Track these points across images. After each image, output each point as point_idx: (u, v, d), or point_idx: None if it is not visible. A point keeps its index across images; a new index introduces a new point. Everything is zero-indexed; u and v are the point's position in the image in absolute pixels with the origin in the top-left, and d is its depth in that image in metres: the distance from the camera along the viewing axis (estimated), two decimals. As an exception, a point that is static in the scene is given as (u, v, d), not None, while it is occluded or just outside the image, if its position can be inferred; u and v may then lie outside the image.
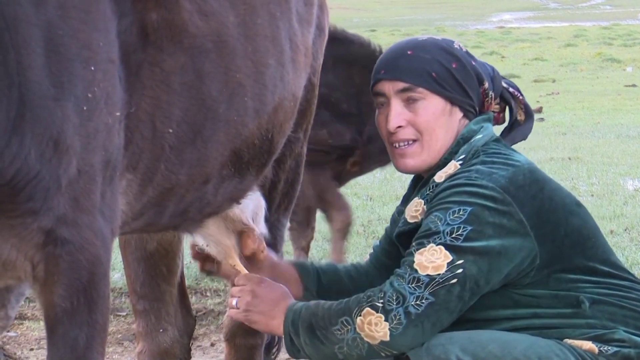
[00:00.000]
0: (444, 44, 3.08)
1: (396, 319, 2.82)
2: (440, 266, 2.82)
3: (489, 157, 2.96)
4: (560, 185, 3.05)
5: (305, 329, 2.93)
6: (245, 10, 3.09)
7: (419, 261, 2.84)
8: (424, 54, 3.05)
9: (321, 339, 2.91)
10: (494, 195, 2.85)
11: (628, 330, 2.93)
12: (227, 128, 3.01)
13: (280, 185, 3.71)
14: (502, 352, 2.82)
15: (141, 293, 3.72)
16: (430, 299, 2.81)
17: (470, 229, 2.82)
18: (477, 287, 2.84)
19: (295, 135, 3.65)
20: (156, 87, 2.79)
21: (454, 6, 57.85)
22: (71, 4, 2.58)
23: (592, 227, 3.02)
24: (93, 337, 2.61)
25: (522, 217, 2.86)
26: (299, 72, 3.39)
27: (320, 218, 7.87)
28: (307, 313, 2.95)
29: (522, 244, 2.86)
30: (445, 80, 3.03)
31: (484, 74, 3.09)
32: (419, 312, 2.81)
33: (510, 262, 2.86)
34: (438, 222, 2.85)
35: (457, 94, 3.04)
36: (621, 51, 28.43)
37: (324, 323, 2.91)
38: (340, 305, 2.93)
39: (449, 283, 2.81)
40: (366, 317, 2.85)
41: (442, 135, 3.03)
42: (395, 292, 2.83)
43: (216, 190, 3.10)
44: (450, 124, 3.04)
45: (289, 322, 2.96)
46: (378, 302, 2.84)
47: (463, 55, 3.08)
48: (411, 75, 3.04)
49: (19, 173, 2.49)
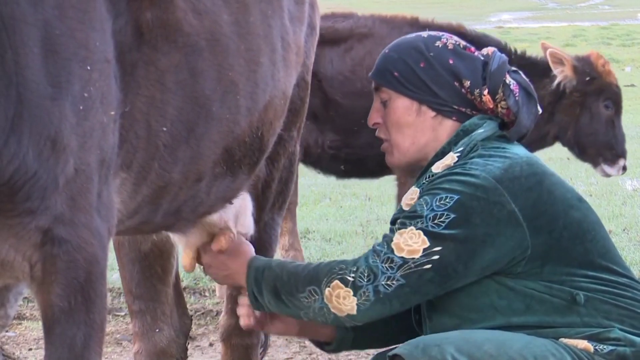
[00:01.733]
0: (419, 43, 3.10)
1: (365, 295, 2.87)
2: (416, 251, 2.85)
3: (487, 151, 2.98)
4: (563, 180, 3.06)
5: (270, 291, 3.00)
6: (238, 8, 3.10)
7: (397, 241, 2.88)
8: (394, 53, 3.12)
9: (286, 303, 2.98)
10: (485, 184, 2.87)
11: (623, 328, 2.93)
12: (220, 126, 3.02)
13: (274, 184, 3.72)
14: (497, 352, 2.83)
15: (136, 293, 3.73)
16: (401, 280, 2.85)
17: (454, 216, 2.85)
18: (455, 272, 2.87)
19: (289, 134, 3.66)
20: (151, 86, 2.79)
21: (452, 6, 57.82)
22: (68, 3, 2.59)
23: (593, 222, 3.02)
24: (91, 336, 2.61)
25: (515, 207, 2.88)
26: (289, 70, 3.40)
27: (319, 217, 7.88)
28: (271, 275, 3.01)
29: (512, 233, 2.88)
30: (408, 80, 3.07)
31: (468, 71, 3.07)
32: (388, 292, 2.86)
33: (495, 251, 2.87)
34: (424, 206, 2.89)
35: (423, 93, 3.06)
36: (620, 51, 28.40)
37: (289, 288, 2.97)
38: (307, 270, 2.97)
39: (422, 268, 2.85)
40: (335, 289, 2.89)
41: (410, 133, 3.08)
42: (367, 269, 2.87)
43: (209, 188, 3.11)
44: (420, 123, 3.07)
45: (252, 280, 3.04)
46: (349, 276, 2.89)
47: (439, 53, 3.07)
48: (378, 75, 3.14)
49: (17, 172, 2.49)
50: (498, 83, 3.08)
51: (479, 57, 3.12)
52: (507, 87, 3.09)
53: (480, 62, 3.10)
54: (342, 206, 8.38)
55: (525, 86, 3.11)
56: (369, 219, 7.80)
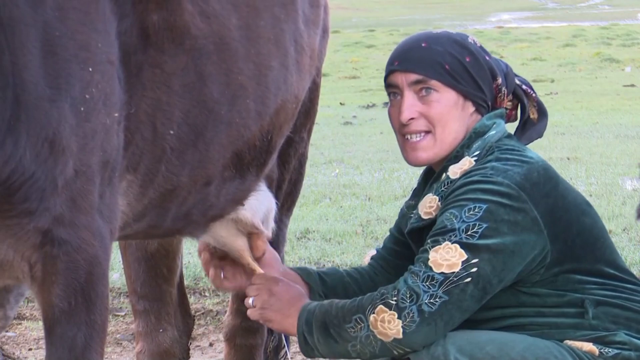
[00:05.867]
0: (457, 38, 3.08)
1: (409, 316, 2.81)
2: (455, 264, 2.81)
3: (503, 154, 2.95)
4: (570, 184, 3.05)
5: (319, 327, 2.92)
6: (248, 12, 3.09)
7: (433, 259, 2.83)
8: (438, 46, 3.04)
9: (334, 337, 2.90)
10: (509, 192, 2.85)
11: (629, 333, 2.93)
12: (229, 130, 3.01)
13: (284, 185, 3.73)
14: (499, 353, 2.82)
15: (141, 293, 3.73)
16: (444, 297, 2.80)
17: (486, 226, 2.82)
18: (490, 285, 2.84)
19: (299, 135, 3.67)
20: (157, 88, 2.79)
21: (452, 6, 57.86)
22: (70, 5, 2.58)
23: (601, 228, 3.02)
24: (92, 337, 2.61)
25: (537, 214, 2.86)
26: (303, 74, 3.39)
27: (319, 217, 7.88)
28: (321, 312, 2.94)
29: (535, 241, 2.86)
30: (459, 73, 3.02)
31: (497, 69, 3.09)
32: (432, 310, 2.80)
33: (523, 261, 2.86)
34: (453, 219, 2.84)
35: (470, 87, 3.03)
36: (620, 51, 28.40)
37: (337, 321, 2.90)
38: (353, 303, 2.92)
39: (463, 282, 2.81)
40: (379, 314, 2.84)
41: (455, 128, 3.02)
42: (409, 290, 2.82)
43: (218, 192, 3.10)
44: (463, 117, 3.03)
45: (303, 321, 2.95)
46: (391, 300, 2.83)
47: (477, 49, 3.07)
48: (424, 67, 3.02)
49: (14, 173, 2.49)
50: (513, 83, 3.12)
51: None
52: (519, 88, 3.14)
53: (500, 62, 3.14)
54: (342, 206, 8.37)
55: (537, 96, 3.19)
56: (369, 219, 7.80)
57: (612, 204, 8.21)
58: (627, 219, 7.64)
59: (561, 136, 12.77)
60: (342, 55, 28.41)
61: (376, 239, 7.08)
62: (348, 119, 14.92)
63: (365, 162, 10.61)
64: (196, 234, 3.28)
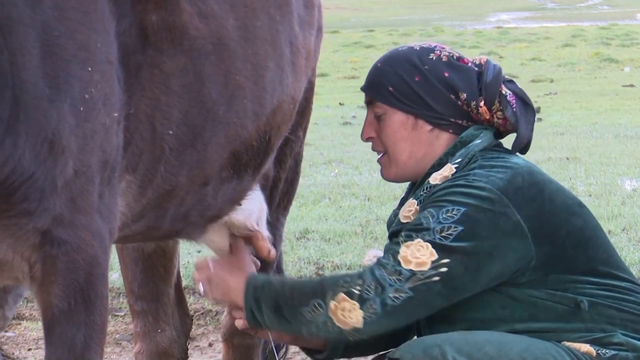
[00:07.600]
0: (413, 56, 3.06)
1: (372, 308, 2.82)
2: (424, 263, 2.82)
3: (487, 161, 2.96)
4: (562, 186, 3.04)
5: (271, 307, 2.93)
6: (245, 13, 3.09)
7: (404, 254, 2.84)
8: (388, 67, 3.07)
9: (287, 318, 2.91)
10: (490, 196, 2.85)
11: (626, 333, 2.92)
12: (227, 130, 3.02)
13: (280, 185, 3.74)
14: (498, 354, 2.82)
15: (139, 294, 3.73)
16: (409, 293, 2.82)
17: (462, 229, 2.82)
18: (463, 285, 2.84)
19: (295, 134, 3.68)
20: (155, 88, 2.79)
21: (451, 6, 57.83)
22: (68, 5, 2.58)
23: (594, 227, 3.01)
24: (91, 337, 2.61)
25: (520, 218, 2.86)
26: (299, 75, 3.40)
27: (318, 217, 7.88)
28: (272, 291, 2.95)
29: (517, 245, 2.86)
30: (403, 94, 3.03)
31: (462, 84, 3.04)
32: (395, 304, 2.82)
33: (502, 263, 2.86)
34: (430, 218, 2.86)
35: (418, 107, 3.03)
36: (619, 51, 28.42)
37: (292, 303, 2.91)
38: (310, 284, 2.93)
39: (430, 280, 2.82)
40: (340, 302, 2.85)
41: (406, 148, 3.05)
42: (374, 281, 2.83)
43: (216, 192, 3.11)
44: (414, 137, 3.05)
45: (251, 297, 2.96)
46: (354, 289, 2.84)
47: (433, 66, 3.04)
48: (372, 89, 3.09)
49: (13, 173, 2.49)
50: (494, 94, 3.05)
51: (474, 68, 3.08)
52: (504, 98, 3.05)
53: (474, 73, 3.07)
54: (342, 206, 8.37)
55: (522, 96, 3.09)
56: (368, 219, 7.80)
57: (611, 204, 8.21)
58: (627, 219, 7.65)
59: (560, 136, 12.77)
60: (341, 56, 28.43)
61: (375, 239, 7.09)
62: (347, 119, 14.91)
63: (365, 162, 10.60)
64: (194, 235, 3.28)
